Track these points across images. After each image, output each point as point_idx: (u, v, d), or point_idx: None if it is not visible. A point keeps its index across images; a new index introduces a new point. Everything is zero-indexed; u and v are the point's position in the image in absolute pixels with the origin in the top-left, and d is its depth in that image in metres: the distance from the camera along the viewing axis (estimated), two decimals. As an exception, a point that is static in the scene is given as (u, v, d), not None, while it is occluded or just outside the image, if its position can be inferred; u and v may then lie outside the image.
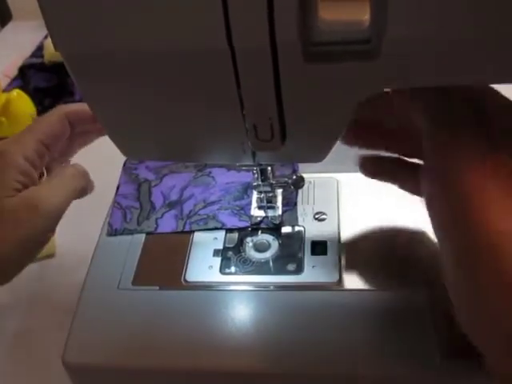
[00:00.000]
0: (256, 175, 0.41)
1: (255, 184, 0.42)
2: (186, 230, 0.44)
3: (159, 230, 0.44)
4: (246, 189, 0.46)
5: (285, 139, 0.31)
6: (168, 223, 0.45)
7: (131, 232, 0.44)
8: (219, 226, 0.44)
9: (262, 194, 0.43)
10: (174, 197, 0.47)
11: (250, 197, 0.45)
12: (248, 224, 0.44)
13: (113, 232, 0.45)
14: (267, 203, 0.43)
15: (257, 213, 0.44)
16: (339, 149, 0.38)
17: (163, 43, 0.26)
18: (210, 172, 0.47)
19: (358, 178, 0.45)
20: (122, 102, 0.30)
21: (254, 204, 0.44)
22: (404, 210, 0.43)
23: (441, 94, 0.30)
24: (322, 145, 0.32)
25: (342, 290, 0.39)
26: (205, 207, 0.45)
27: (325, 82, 0.27)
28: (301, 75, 0.27)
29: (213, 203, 0.45)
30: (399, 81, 0.27)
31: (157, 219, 0.45)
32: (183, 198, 0.46)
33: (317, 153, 0.33)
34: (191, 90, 0.29)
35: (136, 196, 0.47)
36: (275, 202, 0.44)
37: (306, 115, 0.29)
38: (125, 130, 0.33)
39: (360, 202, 0.44)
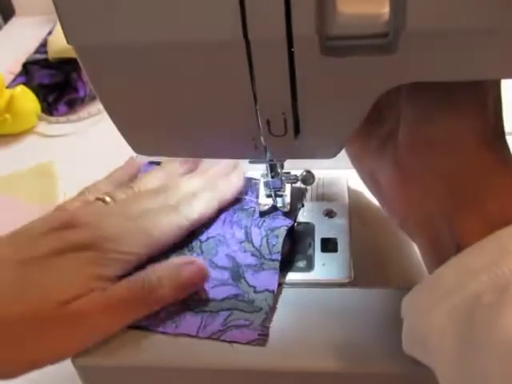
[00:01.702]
0: (266, 171, 0.41)
1: (265, 180, 0.42)
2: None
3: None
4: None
5: (298, 135, 0.31)
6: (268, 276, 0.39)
7: None
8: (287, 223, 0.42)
9: (271, 190, 0.43)
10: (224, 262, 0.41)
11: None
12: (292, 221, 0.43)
13: None
14: (275, 192, 0.43)
15: (264, 201, 0.43)
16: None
17: (177, 35, 0.26)
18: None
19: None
20: (134, 95, 0.30)
21: (262, 192, 0.44)
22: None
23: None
24: (335, 141, 0.32)
25: (353, 288, 0.39)
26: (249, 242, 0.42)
27: (341, 77, 0.27)
28: (317, 69, 0.26)
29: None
30: (417, 75, 0.26)
31: None
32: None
33: (330, 149, 0.32)
34: (204, 83, 0.28)
35: None
36: (283, 191, 0.43)
37: (321, 110, 0.29)
38: (136, 124, 0.32)
39: (370, 198, 0.44)
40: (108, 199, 0.41)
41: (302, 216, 0.44)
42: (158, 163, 0.48)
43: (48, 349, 0.35)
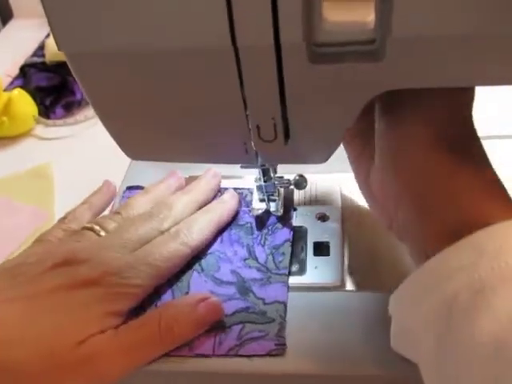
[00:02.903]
0: (259, 176, 0.41)
1: (258, 184, 0.42)
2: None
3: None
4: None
5: (288, 140, 0.31)
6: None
7: None
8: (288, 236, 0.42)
9: (264, 194, 0.43)
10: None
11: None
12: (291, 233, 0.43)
13: None
14: (268, 197, 0.43)
15: (258, 205, 0.44)
16: (342, 149, 0.38)
17: (167, 42, 0.26)
18: None
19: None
20: (125, 102, 0.30)
21: (256, 196, 0.44)
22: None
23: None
24: (325, 146, 0.32)
25: (345, 291, 0.39)
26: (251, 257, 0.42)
27: (329, 83, 0.27)
28: (305, 76, 0.27)
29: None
30: (404, 82, 0.26)
31: None
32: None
33: (320, 154, 0.33)
34: (194, 89, 0.28)
35: None
36: (277, 196, 0.43)
37: (310, 116, 0.29)
38: (128, 130, 0.33)
39: (363, 202, 0.44)
40: (97, 228, 0.40)
41: (295, 220, 0.44)
42: (140, 187, 0.48)
43: None
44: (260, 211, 0.43)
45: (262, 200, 0.43)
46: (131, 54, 0.27)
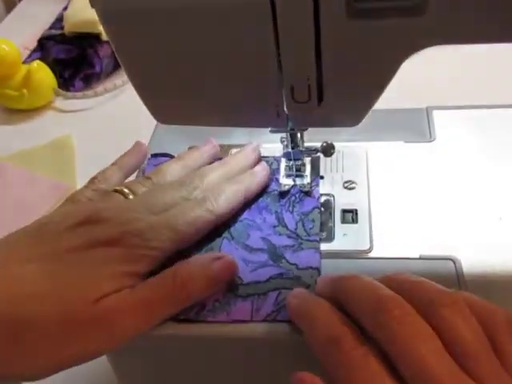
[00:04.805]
0: (286, 142, 0.41)
1: (285, 151, 0.42)
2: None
3: None
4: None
5: (322, 101, 0.30)
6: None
7: None
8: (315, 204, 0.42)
9: (291, 162, 0.42)
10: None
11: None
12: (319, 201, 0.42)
13: None
14: (296, 171, 0.43)
15: (285, 181, 0.43)
16: (368, 118, 0.38)
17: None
18: None
19: (387, 147, 0.45)
20: (156, 61, 0.30)
21: (283, 172, 0.44)
22: (432, 178, 0.42)
23: None
24: (359, 107, 0.31)
25: (373, 258, 0.39)
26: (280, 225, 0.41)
27: (368, 40, 0.26)
28: (343, 32, 0.26)
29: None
30: (445, 38, 0.26)
31: None
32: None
33: (353, 116, 0.32)
34: (228, 48, 0.28)
35: None
36: (304, 171, 0.43)
37: (346, 74, 0.29)
38: (157, 91, 0.32)
39: (389, 170, 0.44)
40: (126, 191, 0.39)
41: (322, 187, 0.43)
42: (168, 155, 0.47)
43: (78, 349, 0.33)
44: (287, 187, 0.43)
45: (289, 175, 0.43)
46: (165, 10, 0.27)
